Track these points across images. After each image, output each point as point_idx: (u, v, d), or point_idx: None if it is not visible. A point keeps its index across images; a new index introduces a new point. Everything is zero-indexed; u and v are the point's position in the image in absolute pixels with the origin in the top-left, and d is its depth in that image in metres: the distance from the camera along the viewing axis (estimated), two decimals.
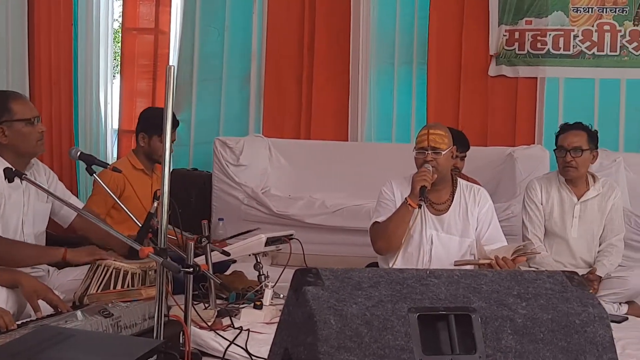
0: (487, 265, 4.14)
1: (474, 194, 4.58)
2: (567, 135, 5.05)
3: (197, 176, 7.24)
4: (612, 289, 4.88)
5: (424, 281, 2.28)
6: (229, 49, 7.82)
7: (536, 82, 7.38)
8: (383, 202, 4.56)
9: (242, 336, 3.70)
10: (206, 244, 4.21)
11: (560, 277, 2.38)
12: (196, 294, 4.11)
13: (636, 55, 7.25)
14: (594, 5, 7.30)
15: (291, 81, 7.72)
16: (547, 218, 5.14)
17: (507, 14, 7.37)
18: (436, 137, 4.40)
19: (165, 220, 2.93)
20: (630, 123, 7.24)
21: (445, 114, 7.37)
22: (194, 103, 7.88)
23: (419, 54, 7.54)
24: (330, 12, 7.61)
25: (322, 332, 2.05)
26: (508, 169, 6.69)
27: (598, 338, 2.23)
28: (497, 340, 2.17)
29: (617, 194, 5.17)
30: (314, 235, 6.21)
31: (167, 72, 2.91)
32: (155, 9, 8.07)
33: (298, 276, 2.22)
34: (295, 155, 7.24)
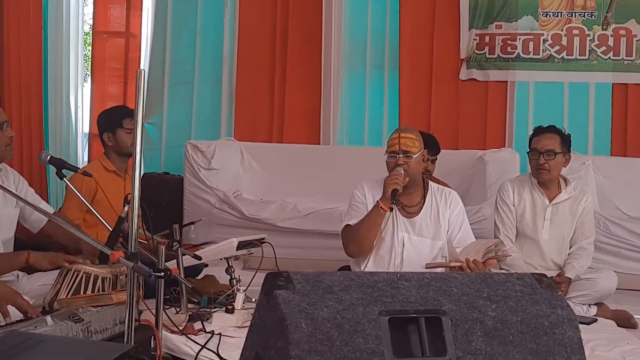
0: (458, 267, 4.16)
1: (445, 196, 4.60)
2: (540, 138, 5.09)
3: (168, 180, 7.21)
4: (582, 290, 4.92)
5: (394, 284, 2.29)
6: (200, 53, 7.81)
7: (506, 85, 7.45)
8: (355, 205, 4.57)
9: (213, 340, 3.69)
10: (177, 248, 4.19)
11: (530, 279, 2.40)
12: (167, 298, 4.09)
13: (605, 59, 7.33)
14: (563, 10, 7.38)
15: (263, 85, 7.72)
16: (518, 219, 5.17)
17: (478, 18, 7.43)
18: (407, 141, 4.42)
19: (136, 225, 2.92)
20: (599, 126, 7.32)
21: (417, 117, 7.41)
22: (165, 107, 7.86)
23: (391, 58, 7.57)
24: (302, 16, 7.63)
25: (293, 335, 2.05)
26: (479, 172, 6.73)
27: (567, 339, 2.24)
28: (467, 342, 2.18)
29: (588, 197, 5.22)
30: (286, 238, 6.21)
31: (138, 76, 2.89)
32: (126, 13, 8.03)
33: (269, 280, 2.21)
34: (267, 158, 7.24)
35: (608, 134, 7.35)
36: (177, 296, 4.19)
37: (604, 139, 7.35)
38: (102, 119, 5.37)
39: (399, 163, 4.39)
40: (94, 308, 3.33)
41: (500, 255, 4.58)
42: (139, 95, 2.91)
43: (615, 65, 7.32)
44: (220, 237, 5.40)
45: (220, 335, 3.75)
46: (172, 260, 4.17)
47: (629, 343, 4.21)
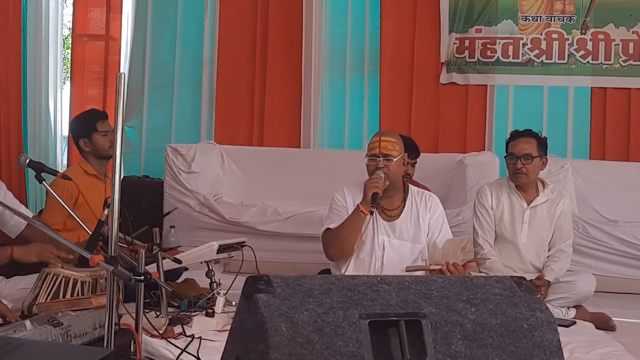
0: (438, 271, 4.17)
1: (425, 200, 4.61)
2: (517, 142, 5.11)
3: (148, 183, 7.19)
4: (560, 293, 4.94)
5: (374, 287, 2.29)
6: (180, 56, 7.80)
7: (486, 89, 7.49)
8: (335, 208, 4.57)
9: (194, 344, 3.68)
10: (157, 251, 4.18)
11: (509, 282, 2.41)
12: (147, 302, 4.08)
13: (583, 63, 7.38)
14: (543, 14, 7.43)
15: (243, 88, 7.72)
16: (497, 223, 5.19)
17: (458, 22, 7.46)
18: (388, 145, 4.43)
19: (116, 228, 2.91)
20: (578, 130, 7.37)
21: (397, 121, 7.43)
22: (145, 110, 7.84)
23: (371, 62, 7.59)
24: (282, 20, 7.63)
25: (274, 339, 2.05)
26: (459, 176, 6.76)
27: (546, 342, 2.26)
28: (447, 345, 2.18)
29: (566, 200, 5.24)
30: (267, 242, 6.20)
31: (118, 80, 2.88)
32: (106, 16, 8.01)
33: (249, 283, 2.21)
34: (247, 162, 7.24)
35: (587, 138, 7.40)
36: (157, 300, 4.18)
37: (583, 142, 7.40)
38: (75, 126, 5.32)
39: (379, 166, 4.40)
40: (74, 312, 3.32)
41: (480, 258, 4.60)
42: (119, 99, 2.90)
43: (594, 69, 7.37)
44: (201, 241, 5.38)
45: (200, 339, 3.74)
46: (152, 263, 4.16)
47: (607, 345, 4.25)
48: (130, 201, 5.84)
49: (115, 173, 2.94)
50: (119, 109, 2.89)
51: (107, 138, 5.05)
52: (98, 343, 3.14)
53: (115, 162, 2.94)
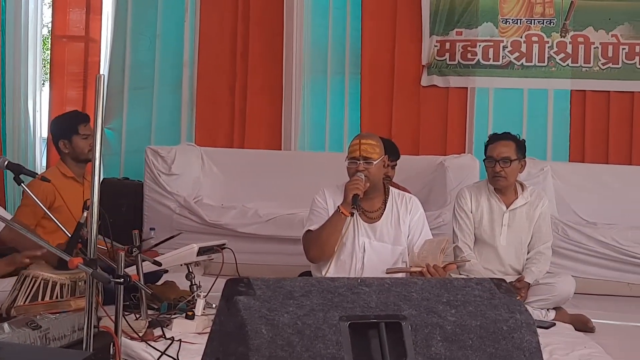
0: (419, 273, 4.18)
1: (405, 202, 4.61)
2: (496, 146, 5.12)
3: (128, 185, 7.17)
4: (540, 295, 4.96)
5: (355, 289, 2.29)
6: (160, 57, 7.77)
7: (467, 92, 7.52)
8: (316, 210, 4.57)
9: (173, 347, 3.67)
10: (137, 254, 4.16)
11: (489, 284, 2.42)
12: (127, 305, 4.06)
13: (563, 66, 7.42)
14: (523, 17, 7.46)
15: (224, 90, 7.70)
16: (476, 226, 5.20)
17: (438, 25, 7.48)
18: (368, 147, 4.43)
19: (95, 231, 2.89)
20: (558, 132, 7.41)
21: (378, 123, 7.44)
22: (125, 111, 7.81)
23: (352, 64, 7.60)
24: (263, 21, 7.63)
25: (254, 341, 2.05)
26: (439, 178, 6.77)
27: (525, 344, 2.27)
28: (427, 347, 2.19)
29: (545, 202, 5.26)
30: (247, 244, 6.20)
31: (97, 81, 2.87)
32: (86, 17, 7.97)
33: (229, 286, 2.21)
34: (228, 164, 7.22)
35: (566, 140, 7.44)
36: (136, 302, 4.16)
37: (563, 145, 7.44)
38: (56, 126, 5.29)
39: (359, 169, 4.40)
40: (52, 315, 3.30)
41: (460, 260, 4.61)
42: (98, 100, 2.88)
43: (574, 72, 7.42)
44: (181, 243, 5.36)
45: (180, 342, 3.73)
46: (131, 266, 4.14)
47: (586, 347, 4.27)
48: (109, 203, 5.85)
49: (94, 175, 2.92)
50: (98, 111, 2.87)
51: (87, 141, 5.03)
52: (77, 346, 3.13)
53: (94, 164, 2.92)
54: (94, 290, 2.90)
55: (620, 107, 7.38)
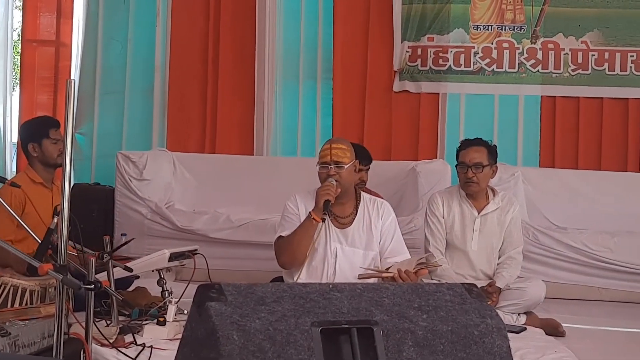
0: (390, 278, 4.18)
1: (377, 207, 4.62)
2: (468, 152, 5.14)
3: (99, 191, 7.12)
4: (511, 300, 4.98)
5: (327, 295, 2.29)
6: (131, 62, 7.74)
7: (438, 97, 7.55)
8: (287, 216, 4.56)
9: (144, 353, 3.65)
10: (108, 259, 4.14)
11: (460, 289, 2.42)
12: (98, 311, 4.02)
13: (533, 72, 7.48)
14: (494, 23, 7.52)
15: (196, 94, 7.69)
16: (448, 231, 5.21)
17: (410, 31, 7.52)
18: (339, 152, 4.43)
19: (65, 236, 2.87)
20: (528, 138, 7.47)
21: (350, 128, 7.46)
22: (96, 116, 7.76)
23: (324, 69, 7.61)
24: (234, 26, 7.62)
25: (225, 347, 2.04)
26: (411, 183, 6.79)
27: (496, 348, 2.27)
28: (398, 352, 2.19)
29: (516, 207, 5.29)
30: (219, 250, 6.18)
31: (67, 86, 2.84)
32: (57, 21, 7.92)
33: (201, 292, 2.20)
34: (199, 169, 7.20)
35: (537, 146, 7.50)
36: (107, 309, 4.12)
37: (533, 150, 7.50)
38: (26, 129, 5.24)
39: (330, 174, 4.40)
40: (22, 321, 3.27)
41: (431, 265, 4.61)
42: (68, 105, 2.86)
43: (544, 78, 7.48)
44: (152, 249, 5.35)
45: (151, 348, 3.70)
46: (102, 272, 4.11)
47: (557, 351, 4.29)
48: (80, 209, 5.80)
49: (64, 180, 2.90)
50: (68, 116, 2.85)
51: (56, 146, 4.98)
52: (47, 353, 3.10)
53: (64, 169, 2.90)
54: (64, 297, 2.88)
55: (589, 113, 7.44)
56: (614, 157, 7.41)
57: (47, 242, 3.78)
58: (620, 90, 7.42)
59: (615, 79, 7.42)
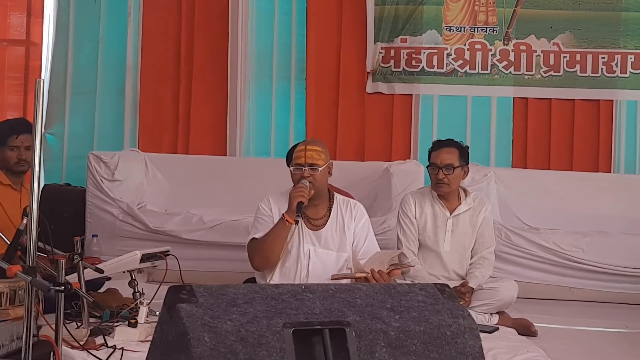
0: (363, 278, 4.18)
1: (350, 208, 4.61)
2: (439, 153, 5.15)
3: (70, 192, 7.05)
4: (483, 300, 4.99)
5: (299, 296, 2.28)
6: (103, 62, 7.67)
7: (411, 98, 7.55)
8: (260, 218, 4.54)
9: (115, 355, 3.62)
10: (78, 261, 4.10)
11: (432, 289, 2.43)
12: (68, 313, 4.00)
13: (506, 73, 7.51)
14: (466, 25, 7.54)
15: (168, 95, 7.64)
16: (420, 232, 5.22)
17: (383, 32, 7.52)
18: (314, 154, 4.42)
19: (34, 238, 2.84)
20: (501, 139, 7.50)
21: (324, 129, 7.45)
22: (67, 116, 7.68)
23: (298, 70, 7.59)
24: (207, 26, 7.58)
25: (196, 349, 2.03)
26: (384, 184, 6.80)
27: (468, 349, 2.28)
28: (370, 353, 2.19)
29: (488, 207, 5.31)
30: (192, 251, 6.15)
31: (37, 86, 2.82)
32: (27, 20, 7.84)
33: (171, 293, 2.18)
34: (172, 170, 7.15)
35: (509, 147, 7.53)
36: (78, 310, 4.10)
37: (505, 151, 7.52)
38: None
39: (304, 176, 4.40)
40: None
41: (404, 265, 4.62)
42: (37, 106, 2.83)
43: (516, 80, 7.51)
44: (124, 250, 5.31)
45: (122, 350, 3.68)
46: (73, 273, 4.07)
47: (529, 351, 4.31)
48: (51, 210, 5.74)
49: (34, 181, 2.87)
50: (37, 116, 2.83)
51: (14, 153, 4.90)
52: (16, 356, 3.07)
53: (34, 170, 2.87)
54: (33, 298, 2.85)
55: (561, 114, 7.48)
56: (585, 158, 7.46)
57: (16, 244, 3.74)
58: (591, 91, 7.46)
59: (587, 81, 7.46)
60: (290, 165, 4.49)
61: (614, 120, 7.44)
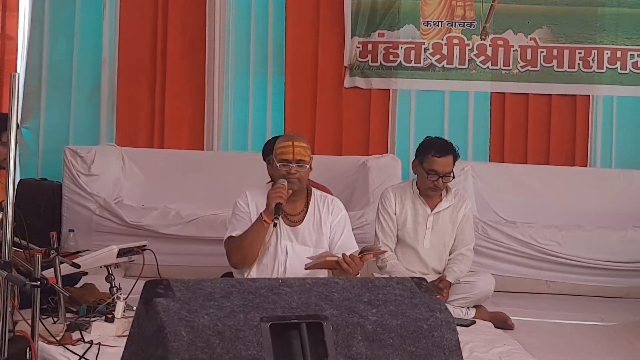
0: (334, 262, 4.18)
1: (327, 204, 4.59)
2: (443, 160, 5.05)
3: (46, 186, 7.00)
4: (461, 293, 5.02)
5: (276, 290, 2.28)
6: (78, 56, 7.61)
7: (389, 93, 7.56)
8: (238, 214, 4.51)
9: (92, 350, 3.62)
10: (55, 256, 4.08)
11: (409, 283, 2.44)
12: (45, 308, 3.97)
13: (483, 68, 7.54)
14: (444, 20, 7.55)
15: (144, 89, 7.60)
16: (400, 228, 5.21)
17: (360, 26, 7.52)
18: (301, 150, 4.38)
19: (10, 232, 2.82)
20: (478, 133, 7.53)
21: (301, 123, 7.44)
22: (42, 111, 7.62)
23: (275, 64, 7.58)
24: (184, 20, 7.55)
25: (173, 344, 2.02)
26: (362, 178, 6.81)
27: (445, 342, 2.29)
28: (348, 347, 2.19)
29: (468, 204, 5.32)
30: (169, 245, 6.13)
31: (11, 80, 2.80)
32: (2, 13, 7.76)
33: (148, 288, 2.18)
34: (149, 164, 7.13)
35: (486, 141, 7.56)
36: (54, 305, 4.07)
37: (483, 145, 7.55)
38: None
39: (291, 172, 4.36)
40: None
41: (377, 251, 4.59)
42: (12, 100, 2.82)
43: (494, 75, 7.53)
44: (101, 245, 5.28)
45: (99, 345, 3.68)
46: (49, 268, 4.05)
47: (505, 344, 4.34)
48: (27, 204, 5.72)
49: (9, 175, 2.85)
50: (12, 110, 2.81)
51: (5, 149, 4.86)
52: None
53: (9, 164, 2.85)
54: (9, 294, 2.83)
55: (538, 109, 7.52)
56: (561, 152, 7.51)
57: None
58: (568, 87, 7.51)
59: (564, 76, 7.51)
60: (276, 161, 4.41)
61: (590, 115, 7.49)
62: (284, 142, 4.45)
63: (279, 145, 4.46)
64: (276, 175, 4.46)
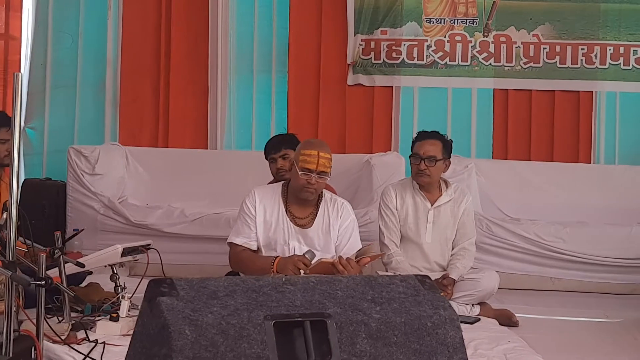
0: (331, 264, 4.17)
1: (337, 207, 4.56)
2: (423, 144, 5.15)
3: (50, 186, 7.02)
4: (465, 291, 5.01)
5: (280, 288, 2.29)
6: (83, 56, 7.63)
7: (392, 90, 7.56)
8: (243, 217, 4.48)
9: (97, 349, 3.61)
10: (59, 255, 4.08)
11: (413, 281, 2.44)
12: (49, 308, 3.98)
13: (486, 65, 7.53)
14: (446, 17, 7.55)
15: (148, 88, 7.61)
16: (402, 223, 5.22)
17: (363, 24, 7.52)
18: (326, 162, 4.34)
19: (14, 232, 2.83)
20: (481, 130, 7.52)
21: (305, 121, 7.45)
22: (47, 111, 7.64)
23: (279, 63, 7.59)
24: (187, 19, 7.56)
25: (177, 342, 2.03)
26: (365, 176, 6.81)
27: (449, 339, 2.29)
28: (352, 344, 2.19)
29: (468, 199, 5.32)
30: (173, 244, 6.14)
31: (15, 80, 2.81)
32: (5, 14, 7.78)
33: (152, 287, 2.18)
34: (153, 163, 7.14)
35: (490, 138, 7.55)
36: (59, 305, 4.08)
37: (486, 142, 7.55)
38: None
39: (311, 182, 4.32)
40: None
41: (373, 255, 4.60)
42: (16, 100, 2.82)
43: (496, 71, 7.53)
44: (105, 244, 5.29)
45: (104, 344, 3.68)
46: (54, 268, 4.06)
47: (510, 341, 4.33)
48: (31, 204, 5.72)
49: (13, 175, 2.86)
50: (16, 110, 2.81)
51: (4, 146, 4.87)
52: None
53: (13, 164, 2.86)
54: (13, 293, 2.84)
55: (541, 105, 7.52)
56: (565, 148, 7.50)
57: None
58: (571, 83, 7.50)
59: (567, 72, 7.50)
60: (297, 167, 4.36)
61: (593, 111, 7.48)
62: (309, 150, 4.38)
63: (304, 151, 4.39)
64: (295, 184, 4.42)
